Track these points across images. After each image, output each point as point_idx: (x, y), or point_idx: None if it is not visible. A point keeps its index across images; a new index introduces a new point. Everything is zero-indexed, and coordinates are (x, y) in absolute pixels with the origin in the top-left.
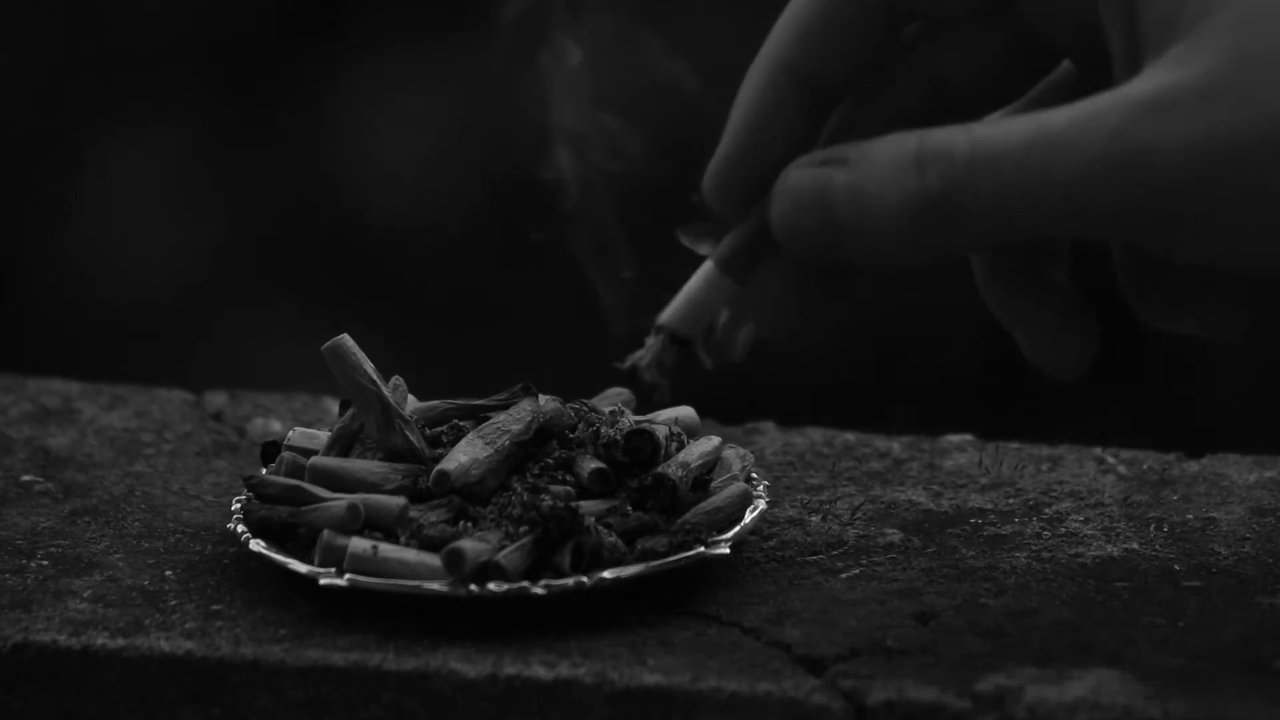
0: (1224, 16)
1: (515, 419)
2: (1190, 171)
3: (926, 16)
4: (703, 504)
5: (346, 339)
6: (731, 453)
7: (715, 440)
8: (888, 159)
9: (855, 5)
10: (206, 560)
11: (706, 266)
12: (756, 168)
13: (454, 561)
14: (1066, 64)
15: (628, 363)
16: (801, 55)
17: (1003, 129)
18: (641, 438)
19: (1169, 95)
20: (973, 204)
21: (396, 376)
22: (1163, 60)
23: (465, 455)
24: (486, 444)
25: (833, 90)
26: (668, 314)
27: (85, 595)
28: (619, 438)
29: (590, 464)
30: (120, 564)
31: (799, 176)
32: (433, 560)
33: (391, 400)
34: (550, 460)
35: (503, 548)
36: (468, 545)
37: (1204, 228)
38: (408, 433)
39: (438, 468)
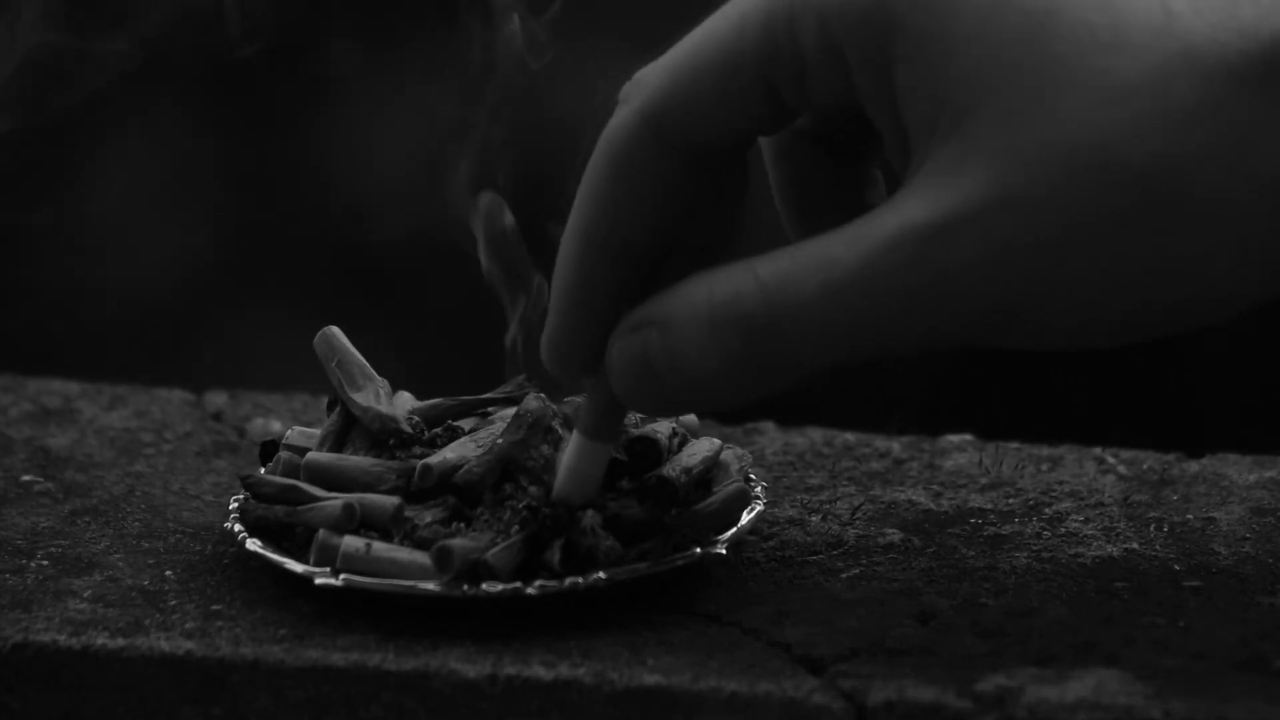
0: (987, 116)
1: (506, 419)
2: (990, 286)
3: (714, 156)
4: (701, 505)
5: (336, 329)
6: (730, 454)
7: (715, 442)
8: (687, 320)
9: (640, 168)
10: (206, 560)
11: (576, 437)
12: (586, 337)
13: (443, 559)
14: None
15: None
16: (602, 227)
17: (793, 275)
18: (644, 444)
19: (952, 217)
20: (782, 354)
21: (383, 379)
22: (932, 167)
23: (454, 453)
24: (478, 445)
25: (644, 251)
26: (557, 490)
27: (85, 595)
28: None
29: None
30: (120, 564)
31: (620, 350)
32: (424, 559)
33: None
34: (536, 459)
35: (493, 545)
36: (457, 543)
37: (1019, 328)
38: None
39: (422, 462)
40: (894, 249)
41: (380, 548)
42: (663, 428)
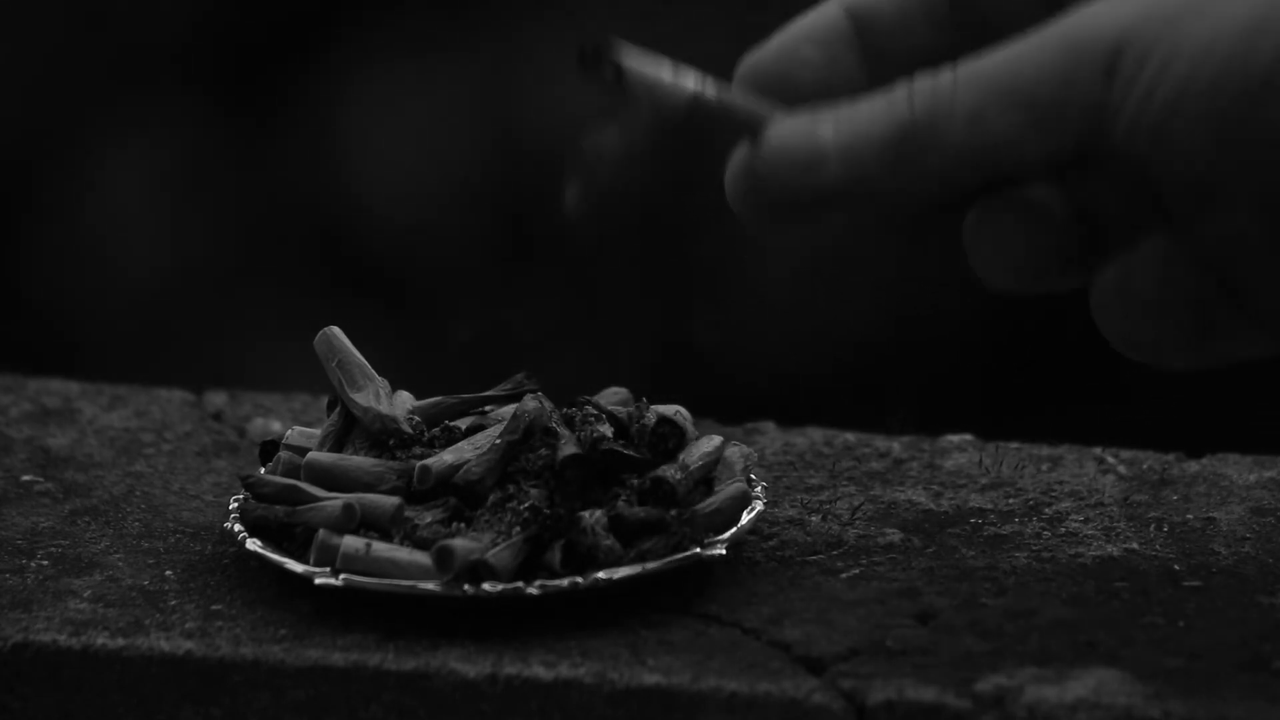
0: None
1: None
2: (1127, 36)
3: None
4: (701, 505)
5: (336, 329)
6: (735, 451)
7: (716, 440)
8: (880, 98)
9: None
10: (206, 560)
11: (686, 88)
12: (783, 77)
13: (444, 559)
14: None
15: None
16: (867, 3)
17: (990, 52)
18: (667, 425)
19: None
20: (951, 124)
21: (383, 379)
22: None
23: (452, 455)
24: (474, 448)
25: (882, 44)
26: (629, 57)
27: (85, 595)
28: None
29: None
30: (120, 564)
31: (788, 124)
32: (424, 559)
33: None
34: (534, 458)
35: (493, 546)
36: (458, 543)
37: (1140, 128)
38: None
39: (420, 464)
40: (1067, 15)
41: (380, 548)
42: (687, 424)
